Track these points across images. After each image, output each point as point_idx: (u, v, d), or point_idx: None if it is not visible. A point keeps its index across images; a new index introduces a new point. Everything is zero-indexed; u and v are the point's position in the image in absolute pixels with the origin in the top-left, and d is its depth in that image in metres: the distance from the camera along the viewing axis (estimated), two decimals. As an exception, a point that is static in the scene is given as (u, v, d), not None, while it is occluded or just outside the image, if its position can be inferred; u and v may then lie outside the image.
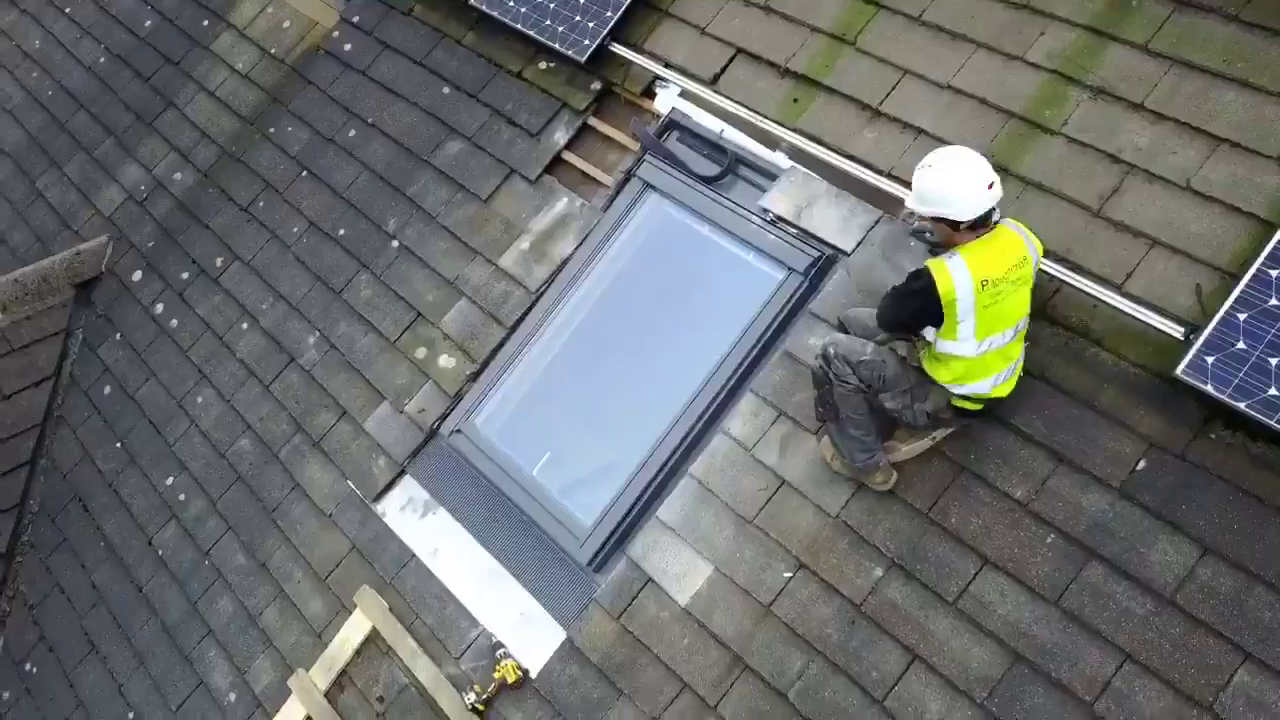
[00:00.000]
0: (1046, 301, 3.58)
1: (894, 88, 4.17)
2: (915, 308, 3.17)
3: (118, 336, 5.95)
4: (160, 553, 5.21)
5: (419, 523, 4.56)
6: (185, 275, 5.87)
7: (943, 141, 3.96)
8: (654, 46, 4.84)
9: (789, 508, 3.75)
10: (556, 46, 4.93)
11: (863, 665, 3.44)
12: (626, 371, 4.43)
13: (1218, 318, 3.13)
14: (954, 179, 3.08)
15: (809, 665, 3.52)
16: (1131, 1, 3.84)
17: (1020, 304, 3.17)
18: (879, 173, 4.08)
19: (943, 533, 3.47)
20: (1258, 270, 3.13)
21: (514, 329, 4.68)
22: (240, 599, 4.84)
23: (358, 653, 4.41)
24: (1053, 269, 3.57)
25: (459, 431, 4.53)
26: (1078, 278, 3.53)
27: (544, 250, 4.76)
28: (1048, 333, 3.55)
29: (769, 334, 4.03)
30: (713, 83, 4.62)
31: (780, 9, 4.58)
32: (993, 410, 3.41)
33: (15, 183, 6.98)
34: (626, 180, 4.68)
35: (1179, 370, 3.14)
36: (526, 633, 4.12)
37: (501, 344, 4.67)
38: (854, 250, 4.00)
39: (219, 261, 5.77)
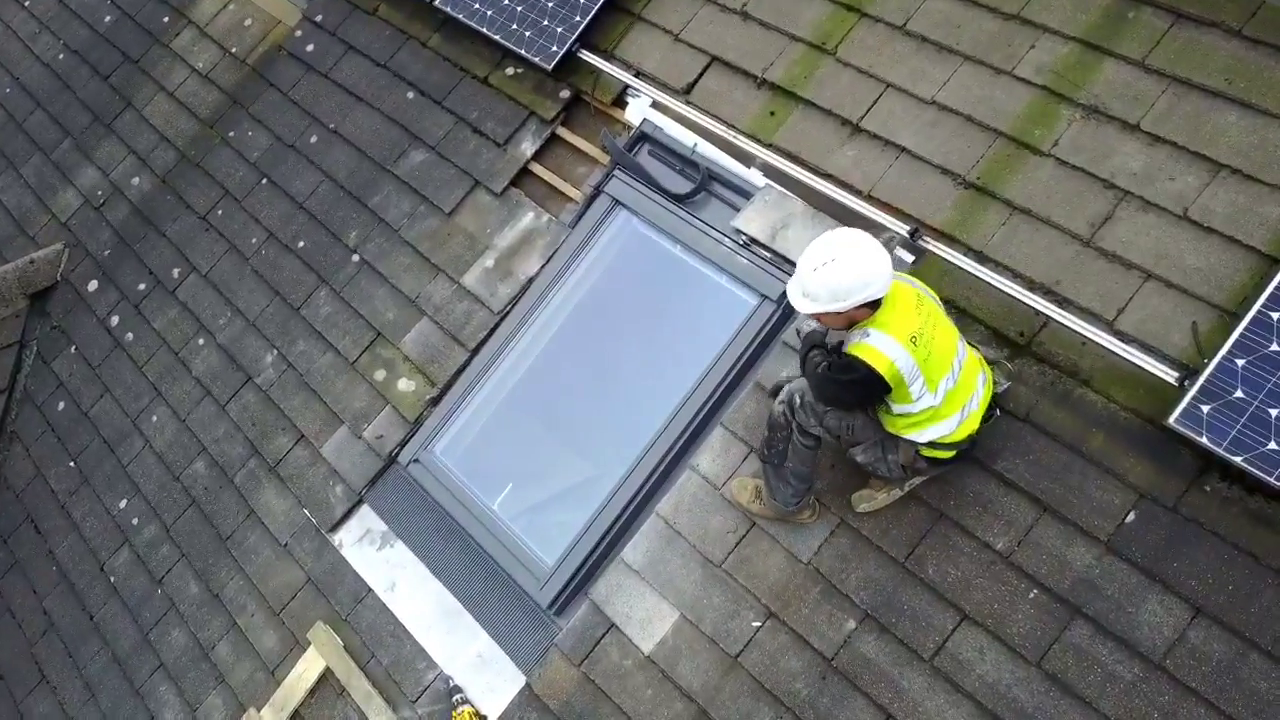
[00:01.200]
0: (1033, 337, 3.36)
1: (875, 102, 3.94)
2: (863, 395, 3.00)
3: (72, 350, 5.72)
4: (112, 579, 5.00)
5: (376, 555, 4.35)
6: (142, 286, 5.63)
7: (925, 162, 3.75)
8: (625, 53, 4.60)
9: (759, 551, 3.55)
10: (523, 52, 4.68)
11: (834, 724, 3.24)
12: (592, 399, 4.22)
13: (1214, 364, 2.92)
14: (867, 260, 2.84)
15: (777, 722, 3.33)
16: (1127, 14, 3.60)
17: (947, 337, 2.96)
18: (857, 194, 3.85)
19: (919, 584, 3.27)
20: (1258, 312, 2.92)
21: (476, 351, 4.45)
22: (193, 631, 4.64)
23: (311, 693, 4.20)
24: (1039, 303, 3.35)
25: (417, 461, 4.32)
26: (1065, 313, 3.32)
27: (508, 268, 4.53)
28: (1034, 370, 3.33)
29: (740, 365, 3.81)
30: (686, 93, 4.38)
31: (757, 15, 4.34)
32: (965, 454, 3.19)
33: (-30, 185, 6.73)
34: (595, 196, 4.44)
35: (1172, 420, 2.93)
36: (485, 676, 3.92)
37: (463, 367, 4.45)
38: (831, 277, 3.77)
39: (176, 273, 5.53)
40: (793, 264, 3.85)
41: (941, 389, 2.93)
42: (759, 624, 3.46)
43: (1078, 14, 3.68)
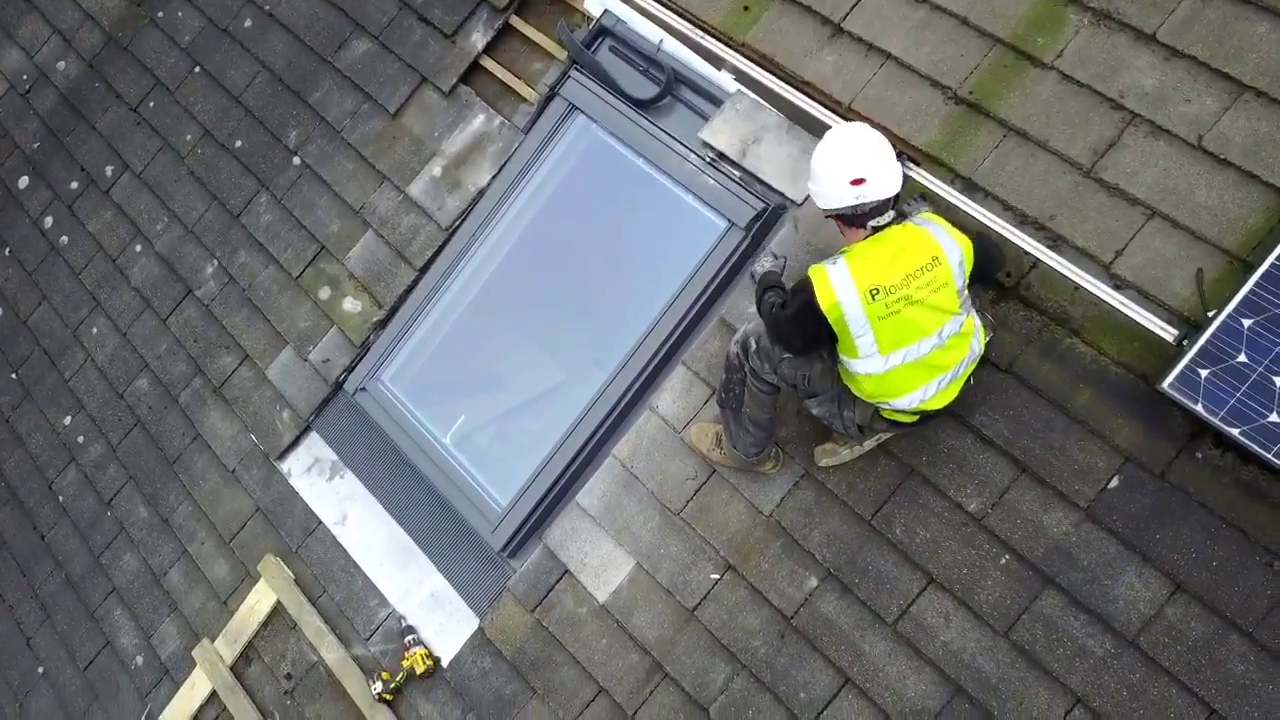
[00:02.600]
0: (1021, 279, 3.05)
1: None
2: (806, 331, 2.72)
3: (7, 252, 5.38)
4: (61, 499, 4.83)
5: (326, 486, 4.16)
6: (74, 185, 5.25)
7: (912, 71, 3.34)
8: (584, -70, 4.08)
9: (719, 500, 3.35)
10: (470, -71, 4.16)
11: (790, 685, 3.11)
12: (547, 326, 3.94)
13: (1217, 323, 2.63)
14: (822, 160, 2.68)
15: (733, 680, 3.20)
16: (1151, -102, 3.12)
17: (939, 310, 2.64)
18: (836, 105, 3.45)
19: (885, 544, 3.08)
20: (1271, 265, 2.60)
21: (424, 270, 4.13)
22: (144, 557, 4.50)
23: (264, 625, 4.10)
24: (1030, 242, 3.03)
25: (364, 390, 4.06)
26: (1056, 256, 2.99)
27: (457, 178, 4.16)
28: (1020, 315, 3.04)
29: (704, 298, 3.51)
30: (652, -21, 3.89)
31: (731, -112, 3.81)
32: (930, 420, 2.94)
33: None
34: (550, 98, 4.02)
35: (1165, 384, 2.66)
36: (438, 617, 3.79)
37: (411, 288, 4.14)
38: (805, 201, 3.42)
39: (109, 171, 5.14)
40: (764, 184, 3.51)
41: (895, 359, 2.66)
42: (717, 577, 3.29)
43: (1093, -103, 3.19)
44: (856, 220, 2.67)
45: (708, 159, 3.61)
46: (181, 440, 4.55)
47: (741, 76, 3.64)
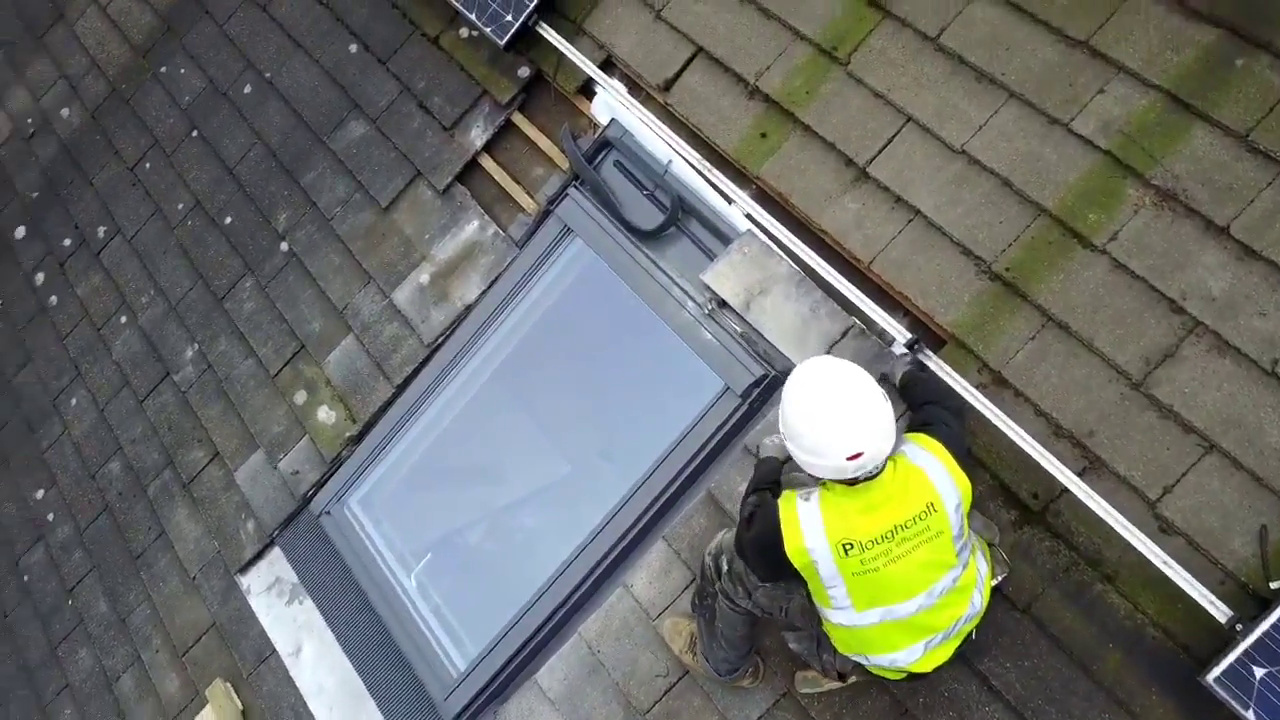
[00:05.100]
0: (1049, 503, 2.62)
1: (890, 141, 3.07)
2: (769, 563, 2.32)
3: (-1, 305, 5.19)
4: (25, 578, 4.62)
5: (284, 611, 3.87)
6: (67, 242, 5.03)
7: (942, 234, 2.91)
8: (596, 26, 3.70)
9: (689, 708, 2.97)
10: (473, 17, 3.80)
11: None
12: (526, 467, 3.60)
13: (1280, 613, 2.18)
14: (810, 431, 2.18)
15: None
16: (1235, 60, 2.66)
17: (931, 565, 2.22)
18: (854, 264, 3.04)
19: (871, 792, 2.68)
20: (1352, 549, 2.15)
21: (402, 388, 3.81)
22: (99, 655, 4.27)
23: (208, 756, 3.83)
24: (1063, 461, 2.59)
25: (329, 514, 3.76)
26: (1095, 480, 2.56)
27: (445, 289, 3.82)
28: (1045, 547, 2.61)
29: (692, 466, 3.12)
30: (664, 90, 3.51)
31: (758, -3, 3.41)
32: (922, 678, 2.52)
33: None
34: (546, 215, 3.66)
35: (1211, 677, 2.22)
36: (385, 780, 3.48)
37: (387, 405, 3.82)
38: (810, 370, 3.01)
39: (101, 232, 4.91)
40: (768, 343, 3.11)
41: (872, 616, 2.26)
42: (681, 795, 2.92)
43: (1167, 52, 2.73)
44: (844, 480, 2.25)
45: (708, 306, 3.23)
46: (147, 535, 4.30)
47: (754, 211, 3.24)
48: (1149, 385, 2.57)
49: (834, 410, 2.13)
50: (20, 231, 5.25)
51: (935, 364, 2.78)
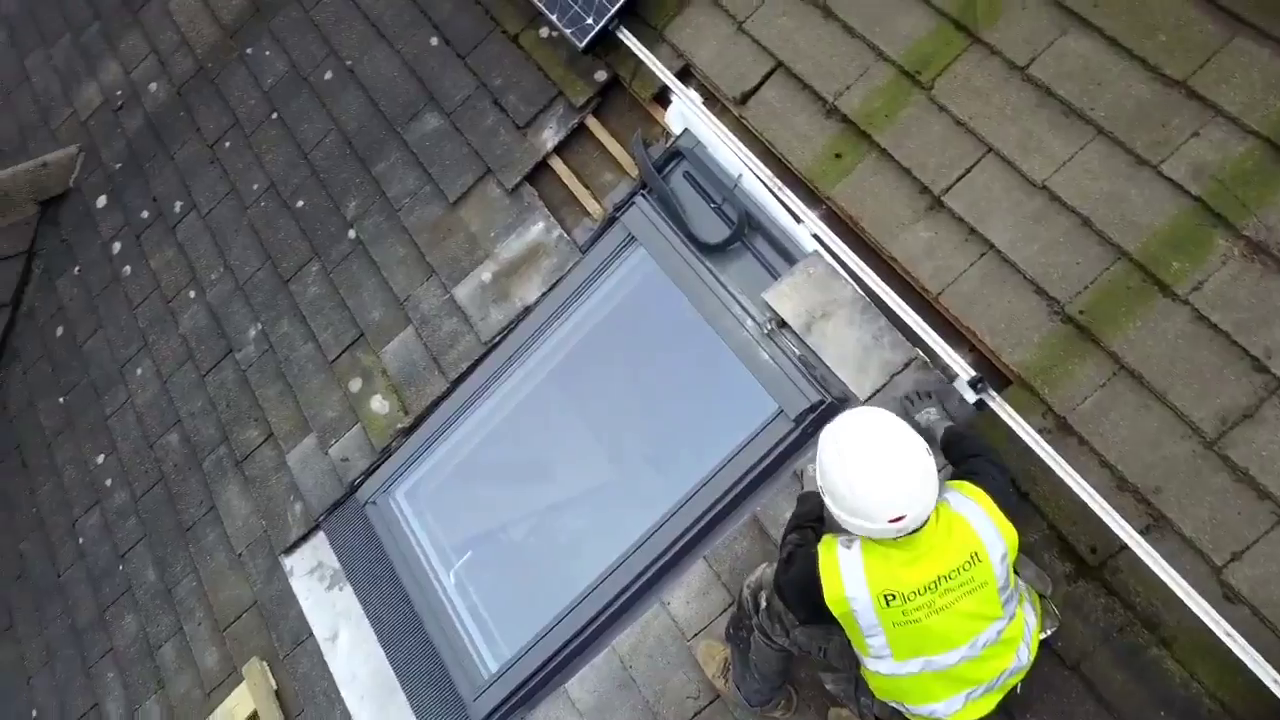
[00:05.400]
0: (1109, 558, 2.52)
1: (968, 170, 2.98)
2: (808, 607, 2.25)
3: (76, 270, 5.33)
4: (80, 541, 4.74)
5: (324, 595, 3.91)
6: (145, 214, 5.15)
7: (1016, 271, 2.82)
8: (676, 35, 3.67)
9: (719, 732, 2.92)
10: (555, 19, 3.79)
11: None
12: (572, 470, 3.59)
13: (1349, 701, 2.06)
14: (852, 492, 2.10)
15: None
16: (1344, 111, 2.53)
17: (974, 617, 2.15)
18: (922, 294, 2.96)
19: (898, 839, 2.60)
20: None
21: (457, 383, 3.82)
22: (143, 623, 4.36)
23: (240, 732, 3.88)
24: (1126, 517, 2.48)
25: (374, 503, 3.78)
26: (1158, 540, 2.45)
27: (506, 289, 3.82)
28: (1099, 604, 2.51)
29: (739, 488, 3.07)
30: (741, 103, 3.46)
31: (842, 14, 3.34)
32: None
33: (6, 58, 6.28)
34: (612, 221, 3.64)
35: (1269, 759, 2.11)
36: (410, 773, 3.49)
37: (440, 399, 3.83)
38: (869, 398, 2.95)
39: (178, 206, 5.01)
40: (827, 368, 3.05)
41: (913, 666, 2.18)
42: (704, 821, 2.88)
43: (1269, 97, 2.61)
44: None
45: (768, 326, 3.17)
46: (198, 509, 4.37)
47: (822, 232, 3.18)
48: (1224, 445, 2.45)
49: (876, 473, 2.07)
50: (102, 200, 5.39)
51: (998, 404, 2.70)
